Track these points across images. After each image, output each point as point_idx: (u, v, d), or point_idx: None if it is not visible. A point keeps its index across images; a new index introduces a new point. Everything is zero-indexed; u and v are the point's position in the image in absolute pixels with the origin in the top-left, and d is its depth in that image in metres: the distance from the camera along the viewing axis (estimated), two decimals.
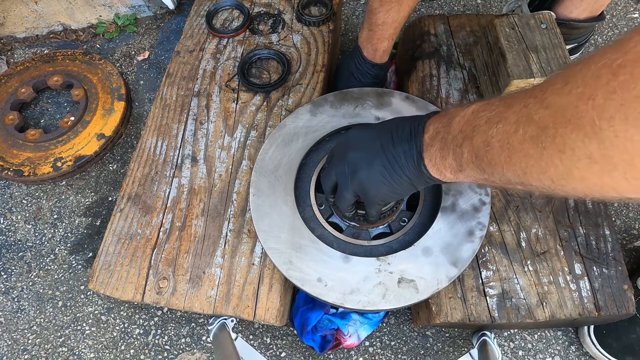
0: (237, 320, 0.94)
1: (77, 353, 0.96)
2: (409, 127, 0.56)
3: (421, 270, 0.70)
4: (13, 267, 1.06)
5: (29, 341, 0.98)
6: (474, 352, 0.82)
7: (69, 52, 1.29)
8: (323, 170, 0.69)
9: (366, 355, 0.93)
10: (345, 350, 0.94)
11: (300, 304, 0.91)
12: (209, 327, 0.82)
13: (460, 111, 0.49)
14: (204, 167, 0.90)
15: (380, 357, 0.93)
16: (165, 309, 0.99)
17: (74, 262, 1.06)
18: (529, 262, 0.78)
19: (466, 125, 0.47)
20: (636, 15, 1.31)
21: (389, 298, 0.69)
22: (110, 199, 1.13)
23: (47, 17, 1.35)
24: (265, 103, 0.96)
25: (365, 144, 0.59)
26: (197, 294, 0.79)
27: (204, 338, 0.96)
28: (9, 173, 1.10)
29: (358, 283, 0.70)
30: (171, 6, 1.35)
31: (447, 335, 0.95)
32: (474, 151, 0.46)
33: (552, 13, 0.89)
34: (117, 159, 1.18)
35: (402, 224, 0.76)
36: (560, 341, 0.93)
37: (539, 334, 0.94)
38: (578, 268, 0.77)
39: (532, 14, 0.85)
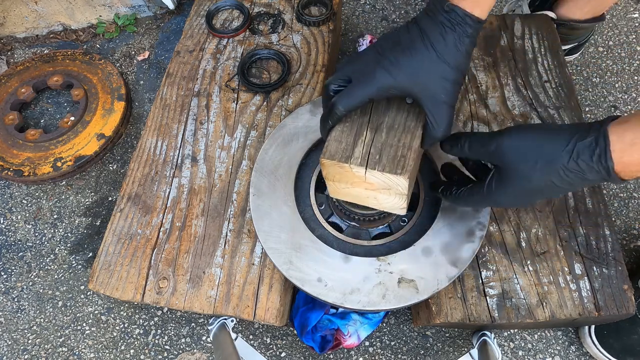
0: (237, 320, 0.94)
1: (77, 353, 0.96)
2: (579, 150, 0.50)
3: (421, 270, 0.70)
4: (13, 267, 1.06)
5: (29, 341, 0.98)
6: (474, 352, 0.82)
7: (69, 52, 1.29)
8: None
9: (366, 355, 0.93)
10: (345, 350, 0.94)
11: (300, 304, 0.91)
12: (209, 327, 0.82)
13: None
14: (204, 167, 0.90)
15: (380, 357, 0.93)
16: (165, 309, 0.99)
17: (74, 262, 1.06)
18: (529, 262, 0.78)
19: None
20: (636, 15, 1.31)
21: (389, 298, 0.69)
22: (110, 199, 1.13)
23: (47, 17, 1.35)
24: (265, 103, 0.96)
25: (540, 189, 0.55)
26: (197, 294, 0.79)
27: (204, 338, 0.96)
28: (9, 173, 1.10)
29: (358, 283, 0.70)
30: (171, 6, 1.35)
31: (447, 335, 0.95)
32: None
33: (552, 13, 0.89)
34: (117, 159, 1.18)
35: (402, 223, 0.76)
36: (560, 341, 0.93)
37: (539, 334, 0.94)
38: (578, 268, 0.77)
39: None
